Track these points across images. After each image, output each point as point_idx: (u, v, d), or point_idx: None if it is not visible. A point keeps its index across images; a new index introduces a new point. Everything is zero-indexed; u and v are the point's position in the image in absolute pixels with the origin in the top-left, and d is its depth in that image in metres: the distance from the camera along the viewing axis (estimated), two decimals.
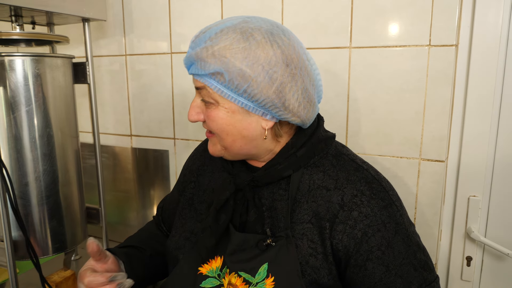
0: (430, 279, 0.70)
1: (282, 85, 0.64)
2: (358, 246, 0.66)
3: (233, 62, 0.62)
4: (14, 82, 1.01)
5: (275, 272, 0.66)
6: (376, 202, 0.68)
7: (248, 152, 0.71)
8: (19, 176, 1.04)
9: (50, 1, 1.03)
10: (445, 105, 1.02)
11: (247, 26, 0.64)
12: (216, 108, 0.67)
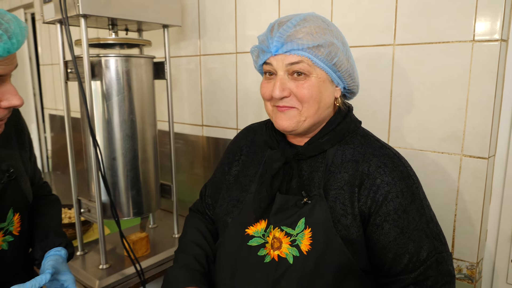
0: (441, 249, 0.77)
1: (351, 59, 0.81)
2: (378, 208, 0.75)
3: (328, 38, 0.76)
4: (108, 77, 1.28)
5: (311, 224, 0.77)
6: (396, 173, 0.76)
7: (322, 121, 0.82)
8: (109, 152, 1.32)
9: (137, 13, 1.28)
10: (489, 101, 1.01)
11: (315, 15, 0.80)
12: (309, 78, 0.78)
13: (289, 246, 0.78)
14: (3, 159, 0.87)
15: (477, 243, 1.08)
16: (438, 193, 1.12)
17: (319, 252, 0.75)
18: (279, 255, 0.78)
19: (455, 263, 1.13)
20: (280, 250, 0.78)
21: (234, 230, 0.86)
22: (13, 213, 0.86)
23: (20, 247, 0.91)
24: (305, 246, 0.76)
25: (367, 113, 1.22)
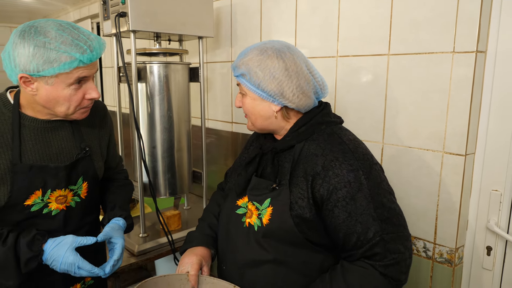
0: (389, 230, 0.91)
1: (280, 81, 0.96)
2: (329, 196, 0.93)
3: (253, 67, 0.97)
4: (151, 80, 1.56)
5: (274, 205, 0.98)
6: (345, 166, 0.93)
7: (267, 127, 1.05)
8: (150, 142, 1.61)
9: (176, 27, 1.55)
10: (466, 105, 1.15)
11: (265, 46, 0.99)
12: (246, 97, 1.02)
13: (256, 217, 1.00)
14: (83, 140, 1.15)
15: (455, 230, 1.22)
16: (423, 186, 1.27)
17: (273, 225, 0.96)
18: (250, 222, 1.01)
19: (436, 248, 1.27)
20: (251, 219, 1.01)
21: (229, 201, 1.10)
22: (83, 181, 1.15)
23: (84, 209, 1.18)
24: (265, 220, 0.98)
25: (366, 113, 1.39)
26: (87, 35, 0.98)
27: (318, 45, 1.52)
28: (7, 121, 1.03)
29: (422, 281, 1.32)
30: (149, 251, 1.56)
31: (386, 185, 0.97)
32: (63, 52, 0.92)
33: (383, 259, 0.91)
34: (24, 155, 1.03)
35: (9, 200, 1.01)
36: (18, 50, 0.93)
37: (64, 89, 0.98)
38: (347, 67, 1.43)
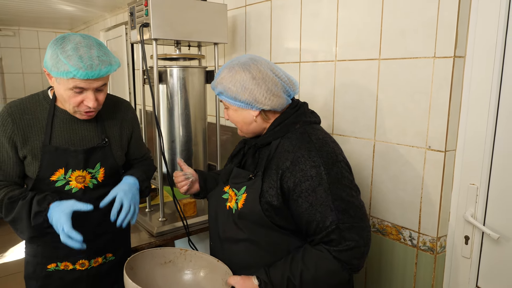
0: (345, 220, 1.03)
1: (251, 90, 1.11)
2: (294, 187, 1.07)
3: (226, 84, 1.13)
4: (171, 82, 1.77)
5: (248, 192, 1.14)
6: (309, 162, 1.06)
7: (253, 131, 1.20)
8: (169, 136, 1.81)
9: (193, 35, 1.74)
10: (445, 105, 1.26)
11: (232, 64, 1.15)
12: (229, 110, 1.19)
13: (234, 202, 1.16)
14: (105, 132, 1.37)
15: (436, 221, 1.32)
16: (409, 179, 1.39)
17: (246, 209, 1.12)
18: (230, 206, 1.18)
19: (420, 237, 1.38)
20: (231, 203, 1.17)
21: (218, 187, 1.28)
22: (100, 166, 1.36)
23: (100, 190, 1.37)
24: (240, 204, 1.13)
25: (360, 113, 1.52)
26: (95, 57, 1.16)
27: (319, 50, 1.66)
28: (44, 112, 1.28)
29: (408, 267, 1.43)
30: (166, 233, 1.76)
31: (348, 181, 1.09)
32: (64, 64, 1.13)
33: (337, 245, 1.04)
34: (53, 139, 1.27)
35: (39, 174, 1.26)
36: (47, 50, 1.19)
37: (65, 91, 1.19)
38: (344, 70, 1.56)
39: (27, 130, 1.25)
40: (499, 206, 1.24)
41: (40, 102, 1.30)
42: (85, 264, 1.39)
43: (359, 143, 1.54)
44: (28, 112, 1.27)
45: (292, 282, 1.05)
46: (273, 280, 1.06)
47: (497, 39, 1.17)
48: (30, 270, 1.38)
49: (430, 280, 1.37)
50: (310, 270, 1.05)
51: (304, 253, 1.07)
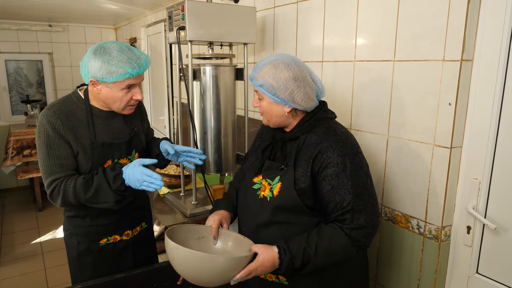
0: (358, 204, 1.19)
1: (292, 90, 1.25)
2: (321, 172, 1.22)
3: (268, 79, 1.28)
4: (203, 79, 1.95)
5: (282, 181, 1.30)
6: (336, 152, 1.22)
7: (280, 123, 1.35)
8: (202, 128, 2.01)
9: (225, 37, 1.91)
10: (451, 105, 1.36)
11: (276, 62, 1.29)
12: (263, 101, 1.33)
13: (268, 191, 1.31)
14: (133, 123, 1.59)
15: (441, 211, 1.44)
16: (418, 173, 1.50)
17: (282, 196, 1.27)
18: (264, 195, 1.33)
19: (427, 226, 1.49)
20: (265, 192, 1.33)
21: (247, 179, 1.44)
22: (135, 152, 1.58)
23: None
24: (275, 192, 1.29)
25: (376, 110, 1.64)
26: (138, 55, 1.38)
27: (340, 51, 1.78)
28: (82, 112, 1.47)
29: (415, 253, 1.56)
30: (198, 214, 1.97)
31: (365, 171, 1.25)
32: (120, 67, 1.33)
33: (350, 224, 1.19)
34: (97, 135, 1.48)
35: (91, 168, 1.47)
36: (91, 62, 1.36)
37: (118, 92, 1.39)
38: (362, 70, 1.68)
39: (75, 130, 1.43)
40: (499, 200, 1.33)
41: (75, 103, 1.47)
42: (129, 234, 1.65)
43: (374, 138, 1.67)
44: (70, 114, 1.44)
45: (308, 252, 1.19)
46: (291, 248, 1.20)
47: (502, 45, 1.26)
48: (82, 249, 1.60)
49: (434, 265, 1.49)
50: (324, 242, 1.19)
51: (319, 229, 1.23)
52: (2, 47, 4.78)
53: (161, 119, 4.16)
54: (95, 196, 1.40)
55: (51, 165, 1.41)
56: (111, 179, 1.39)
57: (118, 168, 1.41)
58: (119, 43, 1.40)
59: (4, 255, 3.44)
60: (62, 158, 1.41)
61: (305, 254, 1.19)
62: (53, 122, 1.39)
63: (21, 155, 4.42)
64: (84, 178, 1.42)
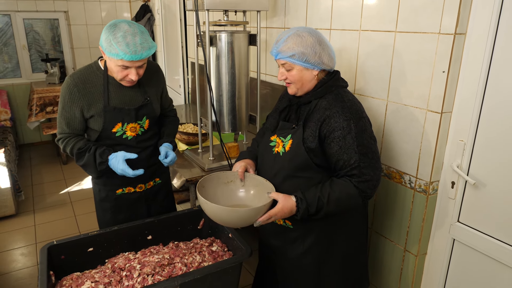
0: (364, 161, 1.37)
1: (319, 53, 1.40)
2: (329, 134, 1.40)
3: (298, 48, 1.41)
4: (219, 45, 2.11)
5: (293, 138, 1.48)
6: (342, 117, 1.39)
7: (309, 88, 1.49)
8: (218, 91, 2.18)
9: (239, 5, 2.04)
10: (443, 74, 1.51)
11: (298, 32, 1.43)
12: (293, 70, 1.47)
13: (281, 147, 1.51)
14: (146, 92, 1.77)
15: (430, 168, 1.63)
16: (412, 134, 1.69)
17: (293, 151, 1.46)
18: (277, 150, 1.53)
19: (417, 181, 1.70)
20: (278, 148, 1.52)
21: (266, 137, 1.63)
22: (146, 118, 1.78)
23: (147, 135, 1.82)
24: (287, 148, 1.48)
25: (377, 76, 1.80)
26: (138, 44, 1.51)
27: (347, 20, 1.91)
28: (100, 80, 1.68)
29: (406, 204, 1.78)
30: (214, 169, 2.20)
31: (369, 133, 1.42)
32: (115, 48, 1.49)
33: (357, 178, 1.39)
34: (110, 101, 1.69)
35: (103, 128, 1.70)
36: (103, 33, 1.54)
37: (114, 66, 1.57)
38: (367, 39, 1.82)
39: (90, 96, 1.66)
40: (481, 159, 1.52)
41: (94, 72, 1.68)
42: (142, 187, 1.91)
43: (375, 102, 1.84)
44: (88, 82, 1.66)
45: (322, 200, 1.39)
46: (307, 198, 1.40)
47: (491, 21, 1.38)
48: (103, 195, 1.88)
49: (422, 215, 1.72)
50: (336, 192, 1.39)
51: (331, 182, 1.42)
52: (20, 6, 4.89)
53: (176, 79, 4.32)
54: (83, 167, 1.75)
55: (61, 122, 1.71)
56: (98, 163, 1.68)
57: (105, 155, 1.68)
58: (131, 27, 1.52)
59: (36, 203, 3.78)
60: (70, 120, 1.69)
61: (319, 203, 1.39)
62: (71, 88, 1.64)
63: (44, 112, 4.67)
64: (79, 149, 1.70)
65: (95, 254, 1.65)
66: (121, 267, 1.54)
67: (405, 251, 1.83)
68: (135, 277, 1.47)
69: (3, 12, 4.88)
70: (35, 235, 3.23)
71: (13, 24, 4.99)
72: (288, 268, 1.62)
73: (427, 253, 1.80)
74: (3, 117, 4.67)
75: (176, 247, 1.71)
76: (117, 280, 1.47)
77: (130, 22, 1.56)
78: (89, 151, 1.69)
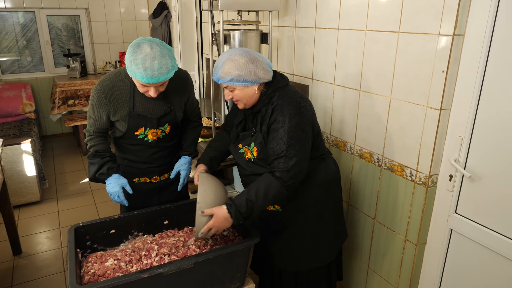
0: (290, 152, 1.51)
1: (253, 71, 1.54)
2: (269, 128, 1.57)
3: (234, 72, 1.55)
4: (232, 43, 2.23)
5: (256, 144, 1.63)
6: (280, 113, 1.54)
7: (254, 101, 1.63)
8: None
9: (252, 6, 2.16)
10: (443, 73, 1.60)
11: (231, 57, 1.55)
12: (235, 90, 1.61)
13: (250, 154, 1.67)
14: (170, 101, 1.89)
15: (430, 162, 1.73)
16: (413, 129, 1.78)
17: (261, 155, 1.62)
18: (248, 157, 1.68)
19: (418, 174, 1.80)
20: (248, 155, 1.68)
21: (234, 146, 1.78)
22: (168, 125, 1.92)
23: (167, 139, 1.98)
24: (255, 154, 1.64)
25: (381, 74, 1.89)
26: (156, 69, 1.58)
27: (354, 20, 2.00)
28: (127, 87, 1.82)
29: (407, 196, 1.88)
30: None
31: (304, 127, 1.56)
32: (134, 68, 1.60)
33: (282, 167, 1.52)
34: (135, 107, 1.83)
35: (126, 131, 1.86)
36: (127, 51, 1.64)
37: (135, 82, 1.69)
38: (372, 39, 1.91)
39: (116, 102, 1.81)
40: (477, 153, 1.61)
41: (122, 80, 1.81)
42: (157, 179, 2.07)
43: (379, 99, 1.94)
44: (115, 89, 1.80)
45: (250, 199, 1.51)
46: (235, 202, 1.52)
47: (487, 24, 1.47)
48: None
49: (421, 206, 1.81)
50: (261, 189, 1.52)
51: (258, 179, 1.56)
52: (44, 3, 5.10)
53: (191, 74, 4.47)
54: (89, 164, 1.90)
55: (89, 119, 1.89)
56: (99, 173, 1.85)
57: (110, 172, 1.85)
58: (152, 49, 1.58)
59: (59, 191, 3.99)
60: (96, 120, 1.85)
61: (248, 203, 1.52)
62: (99, 95, 1.78)
63: (66, 105, 4.88)
64: (97, 151, 1.88)
65: (116, 236, 1.80)
66: (140, 248, 1.69)
67: (405, 240, 1.94)
68: (153, 256, 1.61)
69: (28, 9, 5.10)
70: (58, 220, 3.43)
71: (37, 21, 5.21)
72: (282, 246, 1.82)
73: (427, 243, 1.90)
74: (28, 109, 4.90)
75: (190, 232, 1.85)
76: (136, 258, 1.62)
77: (153, 43, 1.61)
78: (102, 158, 1.86)
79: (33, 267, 2.80)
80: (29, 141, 3.53)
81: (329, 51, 2.20)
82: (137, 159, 1.98)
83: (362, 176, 2.15)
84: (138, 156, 1.98)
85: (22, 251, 2.98)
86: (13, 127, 4.49)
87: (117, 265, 1.57)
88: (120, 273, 1.53)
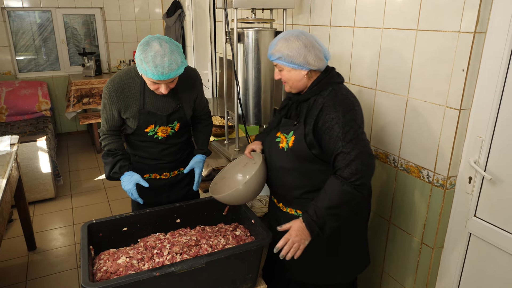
0: (348, 147, 1.44)
1: (304, 55, 1.51)
2: (321, 127, 1.49)
3: (284, 51, 1.53)
4: (246, 42, 2.21)
5: (295, 134, 1.58)
6: (333, 109, 1.47)
7: (300, 87, 1.60)
8: (244, 85, 2.29)
9: (266, 3, 2.13)
10: (463, 72, 1.55)
11: (286, 36, 1.53)
12: (283, 70, 1.59)
13: (285, 142, 1.62)
14: (179, 98, 1.90)
15: (448, 164, 1.68)
16: (431, 130, 1.73)
17: (296, 147, 1.56)
18: (282, 146, 1.63)
19: (435, 176, 1.75)
20: (283, 144, 1.63)
21: (272, 133, 1.74)
22: (177, 122, 1.92)
23: (176, 137, 1.98)
24: (290, 143, 1.58)
25: (398, 74, 1.85)
26: (166, 66, 1.59)
27: (371, 17, 1.96)
28: (137, 85, 1.83)
29: (424, 198, 1.83)
30: None
31: (359, 123, 1.49)
32: (145, 67, 1.61)
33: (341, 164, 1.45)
34: (145, 105, 1.84)
35: (137, 128, 1.87)
36: (137, 49, 1.66)
37: (146, 79, 1.70)
38: (389, 37, 1.87)
39: (127, 100, 1.82)
40: (498, 155, 1.56)
41: (133, 77, 1.82)
42: (167, 175, 2.07)
43: (395, 98, 1.89)
44: (126, 87, 1.81)
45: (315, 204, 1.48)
46: (309, 211, 1.49)
47: (511, 21, 1.42)
48: None
49: (439, 209, 1.77)
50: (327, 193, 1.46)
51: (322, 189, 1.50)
52: (60, 2, 5.16)
53: (204, 73, 4.47)
54: (104, 164, 1.95)
55: (102, 118, 1.92)
56: (113, 172, 1.89)
57: (123, 170, 1.89)
58: (162, 46, 1.60)
59: (73, 188, 4.04)
60: (109, 118, 1.88)
61: (314, 208, 1.48)
62: (110, 93, 1.80)
63: (81, 103, 4.94)
64: (109, 150, 1.92)
65: (128, 234, 1.80)
66: (152, 246, 1.68)
67: (421, 243, 1.89)
68: (165, 255, 1.60)
69: (44, 8, 5.17)
70: (72, 217, 3.47)
71: (53, 20, 5.28)
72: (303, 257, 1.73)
73: (444, 247, 1.85)
74: (44, 107, 4.97)
75: (202, 230, 1.84)
76: (148, 256, 1.61)
77: (162, 41, 1.63)
78: (114, 157, 1.89)
79: (47, 263, 2.83)
80: (44, 139, 3.57)
81: (345, 50, 2.17)
82: (147, 156, 2.00)
83: (376, 177, 2.11)
84: (148, 152, 1.99)
85: (37, 246, 3.01)
86: (29, 125, 4.56)
87: (129, 263, 1.56)
88: (132, 271, 1.52)
